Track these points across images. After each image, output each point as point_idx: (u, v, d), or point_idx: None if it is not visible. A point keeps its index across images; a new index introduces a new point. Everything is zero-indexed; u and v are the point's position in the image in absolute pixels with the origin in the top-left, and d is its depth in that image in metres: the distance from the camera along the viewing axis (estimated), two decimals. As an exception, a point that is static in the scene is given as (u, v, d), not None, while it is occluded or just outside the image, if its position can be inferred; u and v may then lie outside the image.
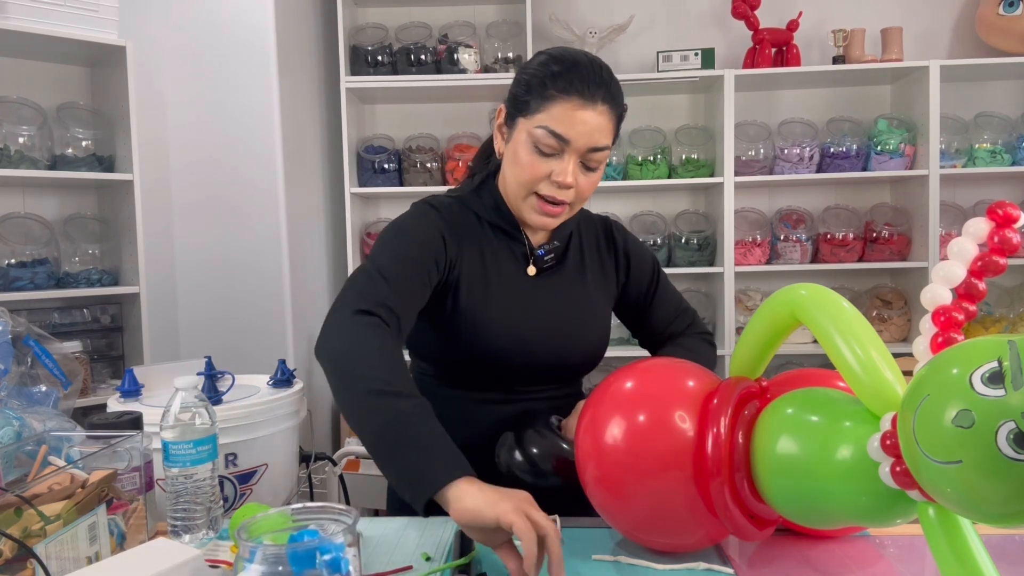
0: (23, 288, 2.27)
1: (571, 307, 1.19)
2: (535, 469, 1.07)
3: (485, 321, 1.13)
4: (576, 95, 1.04)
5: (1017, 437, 0.57)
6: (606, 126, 1.07)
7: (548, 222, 1.13)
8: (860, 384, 0.74)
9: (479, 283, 1.14)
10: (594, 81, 1.06)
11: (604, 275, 1.26)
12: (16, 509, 0.80)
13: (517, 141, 1.09)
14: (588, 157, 1.08)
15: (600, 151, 1.08)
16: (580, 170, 1.08)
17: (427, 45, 3.04)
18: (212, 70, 2.64)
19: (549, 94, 1.05)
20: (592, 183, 1.11)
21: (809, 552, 0.93)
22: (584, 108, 1.05)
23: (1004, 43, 3.01)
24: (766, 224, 3.18)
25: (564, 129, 1.05)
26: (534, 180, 1.09)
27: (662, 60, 2.99)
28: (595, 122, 1.06)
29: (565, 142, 1.05)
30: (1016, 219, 0.71)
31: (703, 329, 1.31)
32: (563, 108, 1.05)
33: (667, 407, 0.87)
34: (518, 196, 1.12)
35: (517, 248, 1.19)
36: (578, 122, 1.05)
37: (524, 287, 1.17)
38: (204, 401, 1.01)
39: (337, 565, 0.63)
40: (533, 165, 1.08)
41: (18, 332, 1.15)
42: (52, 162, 2.35)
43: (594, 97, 1.05)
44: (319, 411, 2.91)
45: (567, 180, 1.07)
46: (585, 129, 1.05)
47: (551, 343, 1.16)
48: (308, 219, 2.94)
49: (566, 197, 1.09)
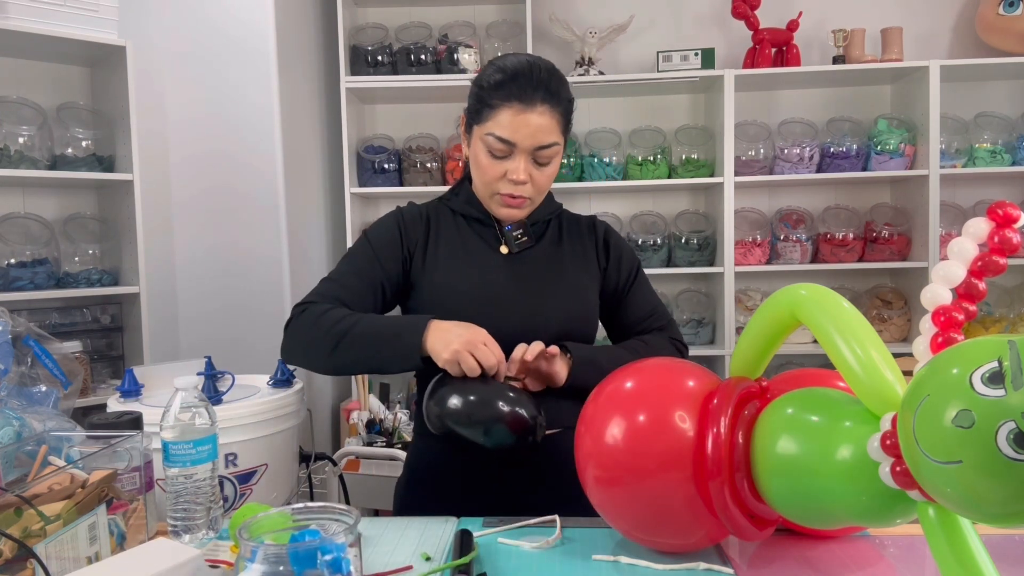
0: (23, 288, 2.27)
1: (544, 279, 1.27)
2: (468, 417, 1.07)
3: (459, 293, 1.24)
4: (516, 101, 1.16)
5: (1017, 437, 0.57)
6: (548, 124, 1.18)
7: (514, 213, 1.25)
8: (860, 384, 0.74)
9: (455, 264, 1.27)
10: (531, 85, 1.16)
11: (585, 257, 1.32)
12: (16, 509, 0.80)
13: (475, 148, 1.23)
14: (538, 155, 1.19)
15: (548, 148, 1.19)
16: (533, 166, 1.20)
17: (427, 45, 3.04)
18: (212, 70, 2.64)
19: (493, 103, 1.18)
20: (548, 176, 1.23)
21: (809, 552, 0.93)
22: (524, 112, 1.16)
23: (1004, 43, 3.01)
24: (766, 224, 3.18)
25: (509, 134, 1.17)
26: (493, 180, 1.21)
27: (662, 60, 2.99)
28: (537, 123, 1.16)
29: (512, 145, 1.17)
30: (1016, 219, 0.71)
31: (676, 335, 1.34)
32: (506, 115, 1.17)
33: (667, 407, 0.87)
34: (484, 195, 1.26)
35: (490, 233, 1.30)
36: (521, 126, 1.16)
37: (497, 264, 1.27)
38: (204, 401, 1.01)
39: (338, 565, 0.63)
40: (490, 168, 1.21)
41: (18, 332, 1.15)
42: (52, 162, 2.35)
43: (532, 100, 1.16)
44: (319, 411, 2.91)
45: (520, 177, 1.19)
46: (528, 131, 1.16)
47: (524, 310, 1.24)
48: (308, 219, 2.94)
49: (524, 192, 1.21)
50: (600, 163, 3.06)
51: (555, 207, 1.36)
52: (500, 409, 1.06)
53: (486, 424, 1.06)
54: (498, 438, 1.06)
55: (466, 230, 1.30)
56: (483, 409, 1.07)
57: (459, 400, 1.07)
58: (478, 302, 1.23)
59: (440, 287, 1.25)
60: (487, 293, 1.24)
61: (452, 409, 1.07)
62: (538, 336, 1.21)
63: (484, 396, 1.08)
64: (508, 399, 1.07)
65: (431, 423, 1.11)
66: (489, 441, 1.07)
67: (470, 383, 1.09)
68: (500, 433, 1.06)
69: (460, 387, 1.09)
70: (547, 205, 1.34)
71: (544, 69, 1.19)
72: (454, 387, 1.09)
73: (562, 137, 1.22)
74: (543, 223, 1.33)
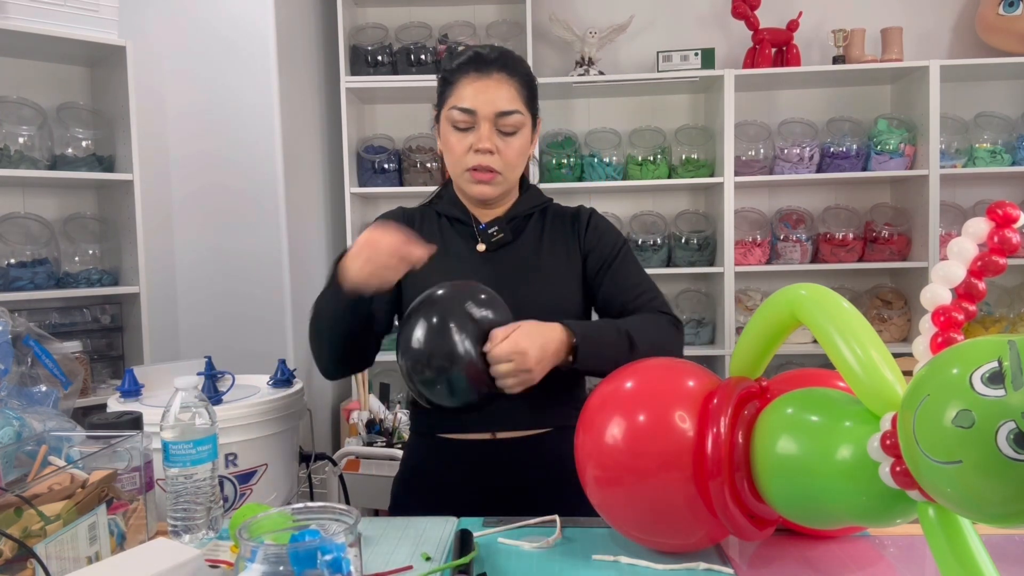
0: (23, 288, 2.27)
1: (521, 276, 1.25)
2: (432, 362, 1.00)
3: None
4: (472, 71, 1.21)
5: (1017, 437, 0.57)
6: (507, 93, 1.21)
7: (485, 190, 1.25)
8: (860, 384, 0.74)
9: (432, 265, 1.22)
10: (486, 58, 1.21)
11: (567, 251, 1.29)
12: (16, 509, 0.80)
13: (444, 130, 1.25)
14: (501, 123, 1.21)
15: (510, 115, 1.21)
16: (498, 136, 1.21)
17: (427, 45, 3.04)
18: (212, 70, 2.64)
19: (451, 80, 1.23)
20: (516, 149, 1.23)
21: (809, 552, 0.93)
22: (479, 79, 1.20)
23: (1004, 43, 3.01)
24: (766, 224, 3.18)
25: (469, 102, 1.20)
26: (462, 155, 1.22)
27: (662, 60, 2.99)
28: (494, 90, 1.20)
29: (471, 112, 1.20)
30: (1016, 219, 0.71)
31: (668, 311, 1.27)
32: (463, 86, 1.21)
33: (667, 407, 0.87)
34: (458, 177, 1.26)
35: (468, 232, 1.30)
36: (478, 92, 1.20)
37: (473, 262, 1.27)
38: (204, 401, 1.01)
39: (338, 565, 0.63)
40: (457, 143, 1.22)
41: (18, 332, 1.15)
42: (52, 162, 2.35)
43: (487, 69, 1.20)
44: (319, 411, 2.91)
45: (484, 145, 1.20)
46: (485, 97, 1.19)
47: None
48: (308, 219, 2.94)
49: (493, 163, 1.22)
50: (600, 163, 3.06)
51: (540, 200, 1.33)
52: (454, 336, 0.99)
53: (442, 363, 1.00)
54: (458, 384, 1.01)
55: (448, 231, 1.30)
56: (438, 339, 1.00)
57: (411, 336, 1.02)
58: None
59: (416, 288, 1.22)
60: None
61: (411, 350, 1.01)
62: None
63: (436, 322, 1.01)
64: (463, 314, 1.01)
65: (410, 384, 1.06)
66: (453, 391, 1.01)
67: (417, 315, 1.04)
68: (459, 379, 1.00)
69: (407, 325, 1.04)
70: (529, 199, 1.32)
71: (501, 49, 1.24)
72: (403, 326, 1.04)
73: (525, 109, 1.23)
74: (523, 217, 1.31)
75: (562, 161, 3.05)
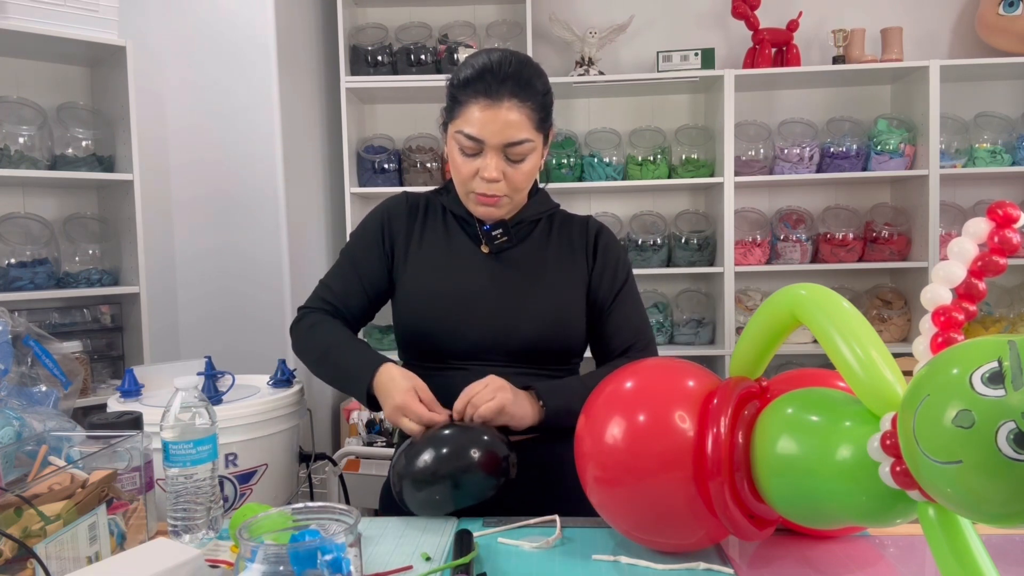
0: (23, 288, 2.27)
1: (524, 281, 1.24)
2: (434, 473, 1.01)
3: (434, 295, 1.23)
4: (482, 96, 1.13)
5: (1017, 437, 0.57)
6: (518, 120, 1.14)
7: (491, 212, 1.21)
8: (860, 384, 0.74)
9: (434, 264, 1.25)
10: (497, 80, 1.13)
11: (573, 260, 1.28)
12: (16, 509, 0.80)
13: (450, 146, 1.20)
14: (509, 152, 1.15)
15: (519, 145, 1.15)
16: (506, 164, 1.16)
17: (427, 45, 3.04)
18: (212, 70, 2.64)
19: (461, 99, 1.16)
20: (524, 173, 1.18)
21: (809, 552, 0.93)
22: (491, 107, 1.13)
23: (1004, 43, 3.01)
24: (766, 224, 3.18)
25: (476, 131, 1.14)
26: (467, 178, 1.18)
27: (662, 60, 2.99)
28: (504, 119, 1.13)
29: (480, 142, 1.14)
30: (1016, 219, 0.71)
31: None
32: (473, 111, 1.14)
33: (667, 407, 0.87)
34: (462, 194, 1.23)
35: (473, 231, 1.27)
36: (488, 122, 1.13)
37: (477, 264, 1.25)
38: (204, 401, 1.01)
39: (338, 565, 0.63)
40: (463, 166, 1.18)
41: (18, 332, 1.15)
42: (52, 162, 2.35)
43: (499, 95, 1.13)
44: (319, 411, 2.91)
45: (490, 175, 1.15)
46: (495, 127, 1.13)
47: (500, 313, 1.21)
48: (308, 219, 2.94)
49: (497, 191, 1.17)
50: (600, 163, 3.06)
51: (548, 206, 1.32)
52: (467, 456, 1.01)
53: (454, 475, 1.01)
54: (473, 487, 1.02)
55: (453, 227, 1.29)
56: (448, 460, 1.01)
57: (416, 459, 1.02)
58: (453, 304, 1.22)
59: (417, 288, 1.24)
60: (463, 295, 1.22)
61: (416, 469, 1.02)
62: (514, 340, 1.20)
63: (447, 447, 1.03)
64: (471, 442, 1.03)
65: (403, 499, 1.04)
66: (464, 494, 1.02)
67: (426, 440, 1.05)
68: (474, 481, 1.02)
69: (413, 448, 1.04)
70: (537, 204, 1.30)
71: (514, 62, 1.15)
72: (408, 449, 1.05)
73: (536, 133, 1.17)
74: (530, 223, 1.29)
75: (562, 161, 3.05)
